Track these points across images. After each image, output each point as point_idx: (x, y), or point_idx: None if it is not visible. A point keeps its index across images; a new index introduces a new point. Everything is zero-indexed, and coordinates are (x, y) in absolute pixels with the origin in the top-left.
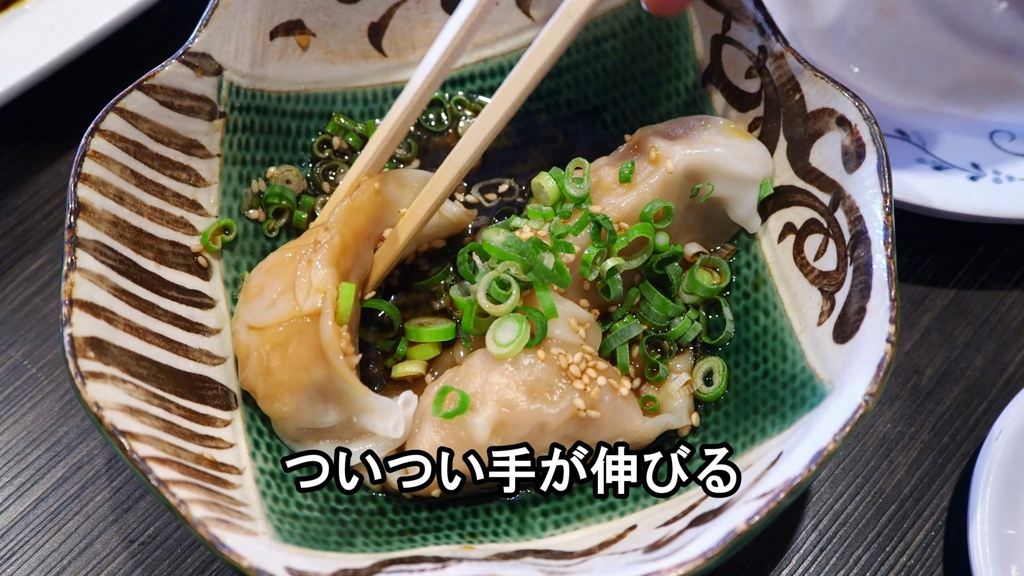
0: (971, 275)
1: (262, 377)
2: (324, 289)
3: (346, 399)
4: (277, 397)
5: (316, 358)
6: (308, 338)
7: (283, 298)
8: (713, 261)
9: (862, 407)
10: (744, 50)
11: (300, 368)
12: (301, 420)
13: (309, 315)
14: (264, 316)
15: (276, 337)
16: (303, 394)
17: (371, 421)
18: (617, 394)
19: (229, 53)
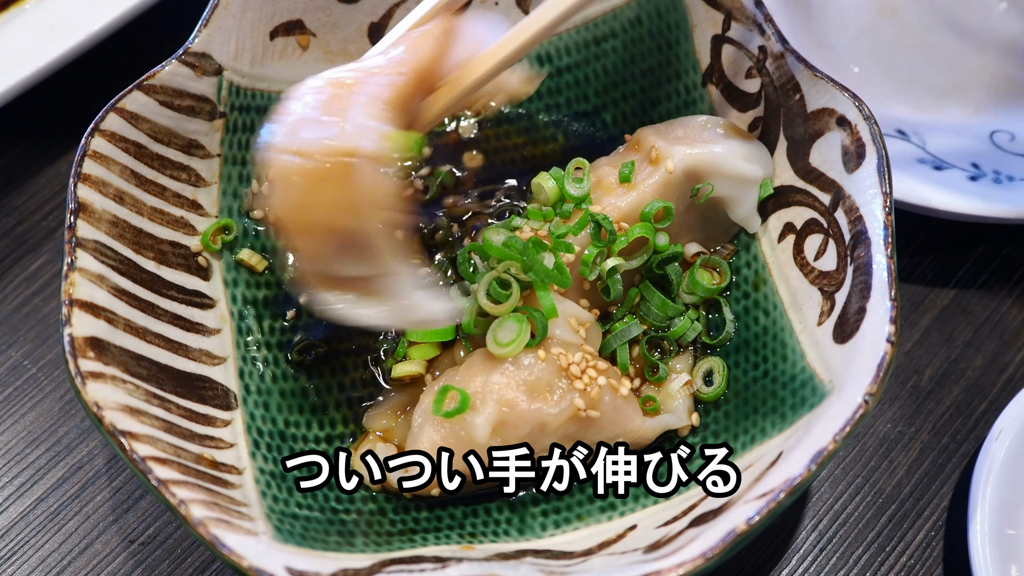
0: (971, 275)
1: (294, 209)
2: (382, 131)
3: (376, 255)
4: (303, 234)
5: (351, 204)
6: (353, 180)
7: (333, 126)
8: (713, 261)
9: (862, 407)
10: (744, 50)
11: (336, 210)
12: (325, 264)
13: (361, 155)
14: (307, 140)
15: (318, 170)
16: (332, 238)
17: (398, 287)
18: (617, 394)
19: (229, 53)
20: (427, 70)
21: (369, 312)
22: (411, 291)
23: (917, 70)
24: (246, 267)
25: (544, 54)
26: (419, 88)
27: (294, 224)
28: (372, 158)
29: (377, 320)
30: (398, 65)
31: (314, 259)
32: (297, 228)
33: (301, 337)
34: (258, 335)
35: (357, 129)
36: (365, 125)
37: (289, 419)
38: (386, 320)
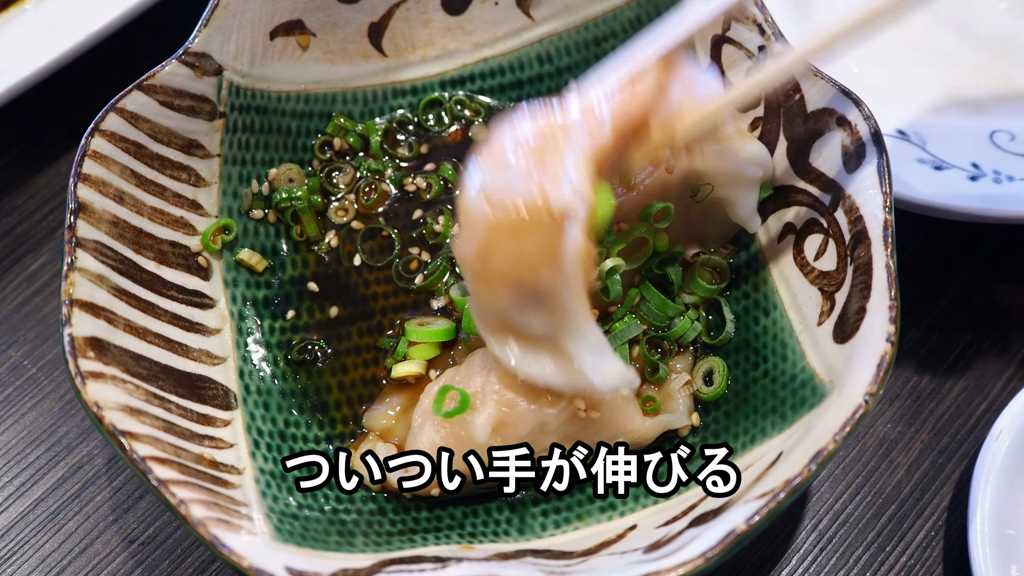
0: (971, 275)
1: (479, 257)
2: (579, 190)
3: (562, 315)
4: (488, 282)
5: (549, 262)
6: (547, 237)
7: (530, 177)
8: (713, 261)
9: (862, 407)
10: (744, 50)
11: (527, 265)
12: (505, 315)
13: (555, 213)
14: (504, 187)
15: (511, 220)
16: (518, 294)
17: (578, 350)
18: (617, 394)
19: (229, 53)
20: (633, 128)
21: (542, 370)
22: (586, 355)
23: (917, 70)
24: (246, 267)
25: (544, 54)
26: (621, 145)
27: (482, 270)
28: (572, 218)
29: (548, 379)
30: (603, 123)
31: (496, 308)
32: (485, 276)
33: (301, 337)
34: (258, 335)
35: (561, 186)
36: (570, 184)
37: (289, 419)
38: (557, 382)
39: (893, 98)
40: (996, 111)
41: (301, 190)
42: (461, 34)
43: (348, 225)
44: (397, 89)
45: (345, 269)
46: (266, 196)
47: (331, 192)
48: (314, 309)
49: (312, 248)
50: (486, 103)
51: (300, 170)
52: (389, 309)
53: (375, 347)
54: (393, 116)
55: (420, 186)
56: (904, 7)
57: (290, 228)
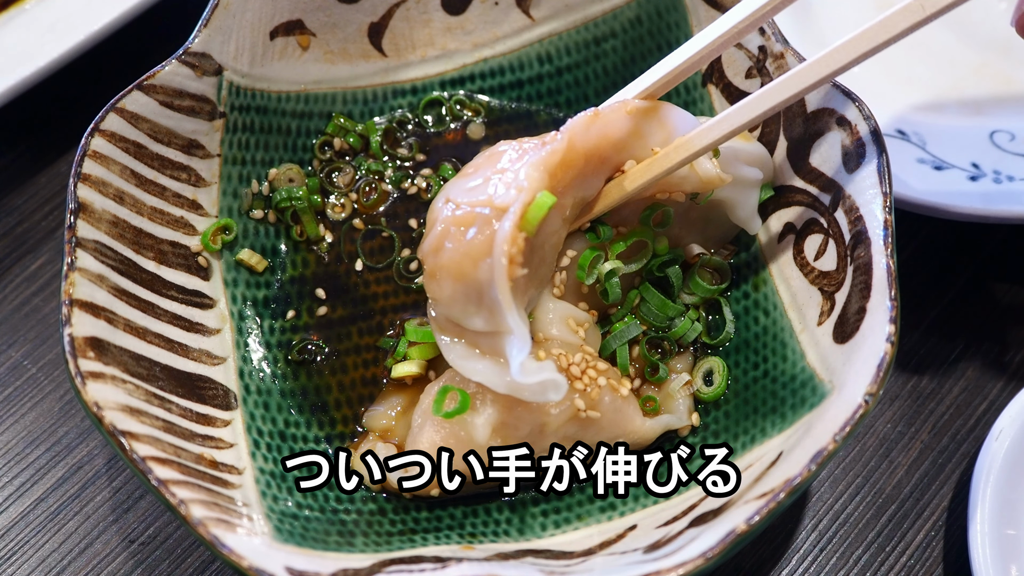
0: (971, 275)
1: (432, 253)
2: (521, 188)
3: (496, 313)
4: (437, 277)
5: (484, 254)
6: (486, 232)
7: (485, 184)
8: (713, 262)
9: (862, 407)
10: (744, 50)
11: (467, 258)
12: (451, 311)
13: (497, 208)
14: (461, 193)
15: (460, 218)
16: (460, 285)
17: (508, 345)
18: (617, 394)
19: (229, 53)
20: (599, 149)
21: (479, 368)
22: (517, 356)
23: (917, 70)
24: (246, 267)
25: (544, 54)
26: (587, 164)
27: (432, 266)
28: (504, 211)
29: (484, 378)
30: (565, 135)
31: (444, 303)
32: (434, 271)
33: (301, 337)
34: (258, 335)
35: (503, 187)
36: (515, 182)
37: (289, 419)
38: (491, 381)
39: (893, 98)
40: (996, 111)
41: (301, 190)
42: (461, 34)
43: (347, 223)
44: (397, 89)
45: (345, 269)
46: (266, 196)
47: (331, 192)
48: (314, 309)
49: (312, 248)
50: (486, 103)
51: (300, 170)
52: (389, 309)
53: (375, 347)
54: (393, 116)
55: (420, 186)
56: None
57: (290, 228)
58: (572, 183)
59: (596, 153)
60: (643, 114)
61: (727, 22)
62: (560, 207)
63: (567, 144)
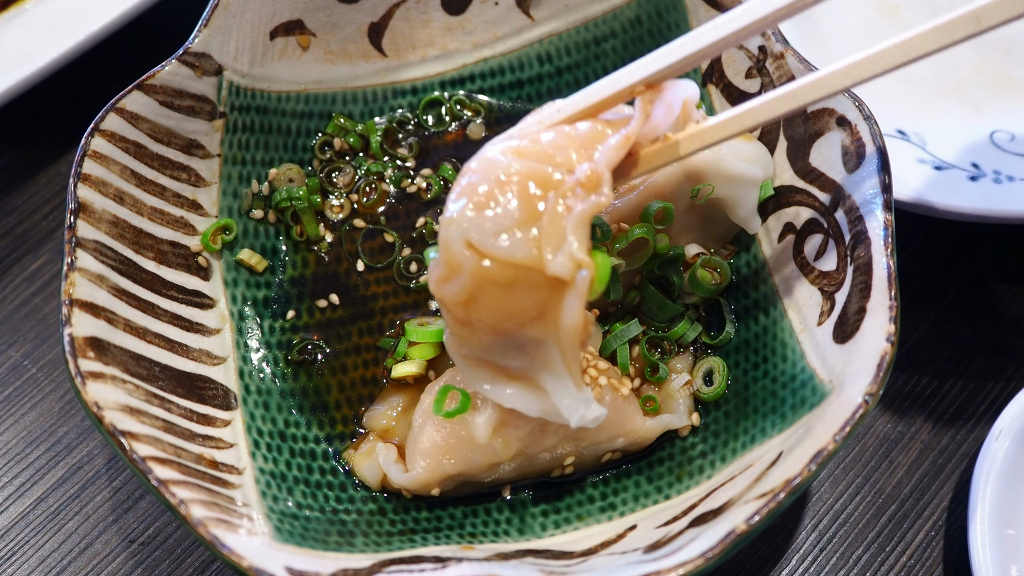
0: (971, 275)
1: (464, 303)
2: (581, 261)
3: (546, 362)
4: (472, 326)
5: (538, 318)
6: (540, 296)
7: (523, 237)
8: (713, 261)
9: (862, 407)
10: (744, 50)
11: (513, 319)
12: (486, 355)
13: (553, 279)
14: (492, 241)
15: (501, 275)
16: (501, 340)
17: (556, 392)
18: (617, 394)
19: (229, 53)
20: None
21: (510, 393)
22: (565, 400)
23: (917, 70)
24: (246, 267)
25: (544, 54)
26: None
27: (464, 316)
28: (565, 284)
29: (517, 404)
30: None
31: (475, 348)
32: (468, 321)
33: (301, 337)
34: (258, 335)
35: (560, 251)
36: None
37: (289, 419)
38: (527, 409)
39: (893, 98)
40: (996, 111)
41: (301, 190)
42: (461, 34)
43: (346, 223)
44: (397, 89)
45: (345, 269)
46: (266, 196)
47: (331, 192)
48: (314, 309)
49: (312, 248)
50: (486, 103)
51: (300, 170)
52: (389, 309)
53: (375, 347)
54: (393, 116)
55: (420, 186)
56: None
57: (290, 228)
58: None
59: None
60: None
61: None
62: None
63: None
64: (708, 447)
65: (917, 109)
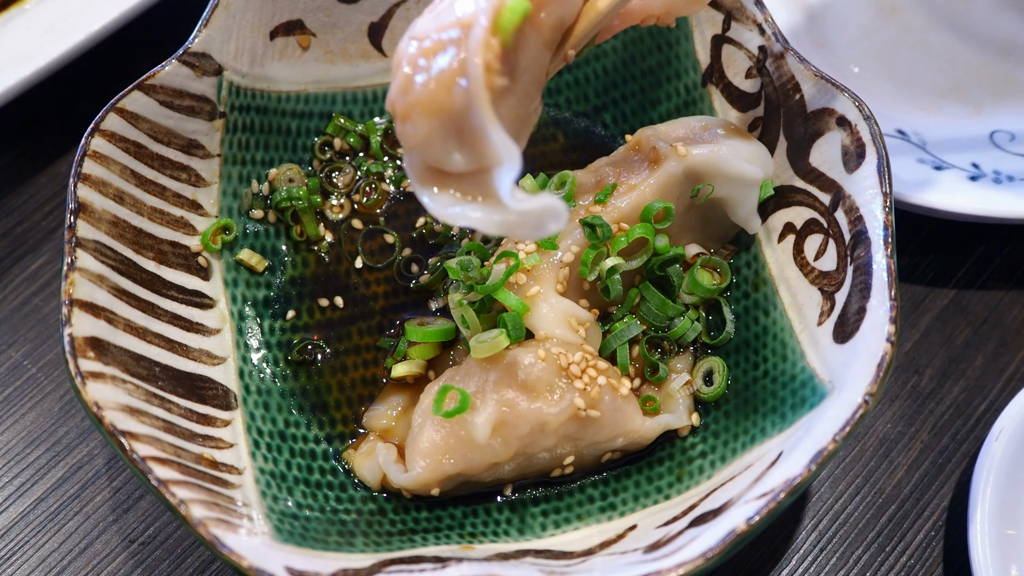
0: (971, 275)
1: (401, 95)
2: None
3: (479, 141)
4: (410, 117)
5: (458, 74)
6: (457, 50)
7: (451, 7)
8: (713, 261)
9: (862, 407)
10: (744, 50)
11: (440, 85)
12: (429, 152)
13: (466, 24)
14: (424, 25)
15: (428, 49)
16: (436, 120)
17: (497, 177)
18: (617, 394)
19: (229, 53)
20: None
21: (466, 212)
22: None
23: (917, 70)
24: (246, 267)
25: None
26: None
27: (403, 107)
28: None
29: (472, 220)
30: None
31: (420, 146)
32: (407, 111)
33: (301, 337)
34: (258, 335)
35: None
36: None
37: (289, 419)
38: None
39: (893, 98)
40: (996, 111)
41: (301, 190)
42: None
43: (345, 223)
44: None
45: (345, 269)
46: (266, 196)
47: (331, 192)
48: (314, 309)
49: (312, 248)
50: None
51: (300, 170)
52: (389, 309)
53: (375, 347)
54: None
55: None
56: None
57: (290, 228)
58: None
59: None
60: None
61: None
62: (537, 26)
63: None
64: (708, 447)
65: (917, 109)
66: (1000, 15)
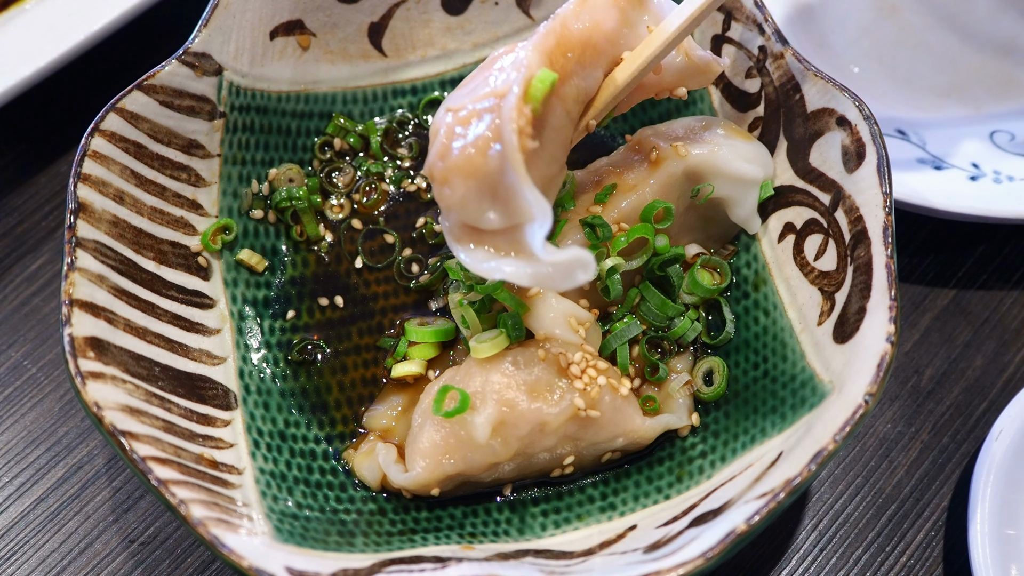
0: (971, 275)
1: (440, 159)
2: (520, 67)
3: (512, 200)
4: (448, 181)
5: (493, 140)
6: (491, 118)
7: (484, 83)
8: (713, 261)
9: (862, 407)
10: (744, 50)
11: (476, 150)
12: (465, 212)
13: (498, 94)
14: (460, 98)
15: (463, 118)
16: (472, 182)
17: (529, 233)
18: (617, 394)
19: (229, 53)
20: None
21: (500, 266)
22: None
23: (917, 70)
24: (246, 267)
25: None
26: (584, 52)
27: (440, 171)
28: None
29: (507, 274)
30: (556, 17)
31: (456, 207)
32: (444, 174)
33: (301, 337)
34: (258, 335)
35: (503, 75)
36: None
37: (289, 419)
38: (515, 275)
39: (893, 98)
40: (996, 111)
41: (301, 190)
42: (461, 34)
43: (345, 222)
44: (397, 89)
45: (345, 269)
46: (266, 196)
47: (331, 192)
48: (314, 309)
49: (312, 248)
50: None
51: (300, 170)
52: (389, 309)
53: (375, 347)
54: (393, 116)
55: (420, 186)
56: None
57: (290, 228)
58: (571, 71)
59: (590, 42)
60: (630, 3)
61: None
62: (562, 97)
63: (560, 24)
64: (708, 447)
65: (917, 109)
66: (1000, 15)
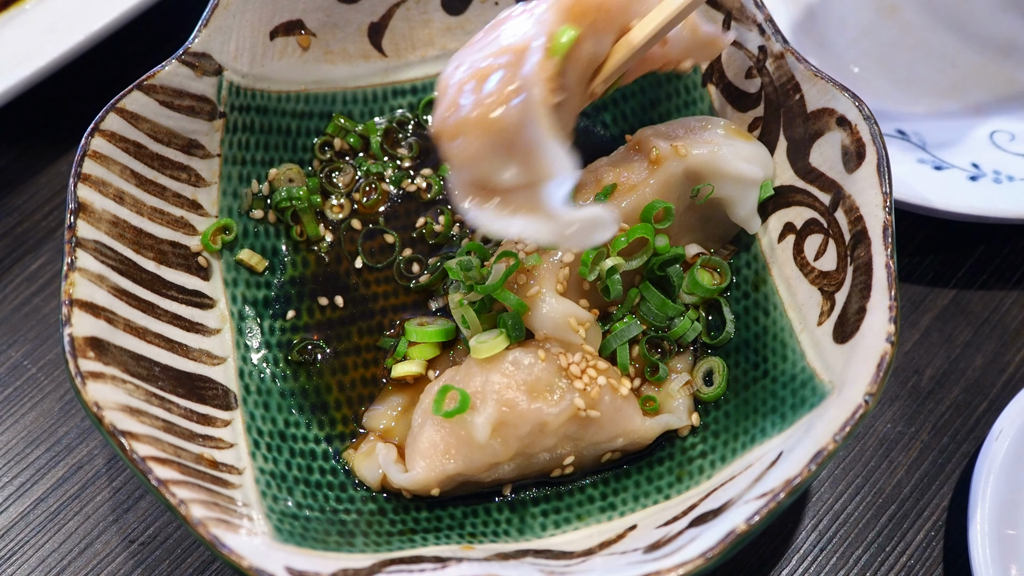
0: (971, 275)
1: (449, 114)
2: (542, 23)
3: (532, 155)
4: (461, 134)
5: (512, 94)
6: (511, 71)
7: (497, 39)
8: (713, 261)
9: (862, 407)
10: (744, 50)
11: (492, 104)
12: (478, 169)
13: (517, 50)
14: (471, 53)
15: (477, 72)
16: (487, 137)
17: (551, 188)
18: (617, 394)
19: (229, 53)
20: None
21: (516, 224)
22: (562, 188)
23: (917, 70)
24: (246, 267)
25: None
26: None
27: (455, 126)
28: (533, 46)
29: (523, 230)
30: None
31: (469, 164)
32: (456, 127)
33: (301, 337)
34: (258, 335)
35: (521, 31)
36: (533, 20)
37: (289, 419)
38: (531, 233)
39: (893, 98)
40: (996, 111)
41: (301, 190)
42: (461, 34)
43: (345, 222)
44: (397, 89)
45: (345, 269)
46: (266, 196)
47: (331, 192)
48: (314, 309)
49: (312, 248)
50: None
51: (300, 170)
52: (389, 309)
53: (375, 347)
54: (393, 116)
55: (420, 186)
56: None
57: (290, 228)
58: (586, 33)
59: (604, 6)
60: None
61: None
62: (575, 59)
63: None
64: (708, 447)
65: (917, 109)
66: (1000, 15)
